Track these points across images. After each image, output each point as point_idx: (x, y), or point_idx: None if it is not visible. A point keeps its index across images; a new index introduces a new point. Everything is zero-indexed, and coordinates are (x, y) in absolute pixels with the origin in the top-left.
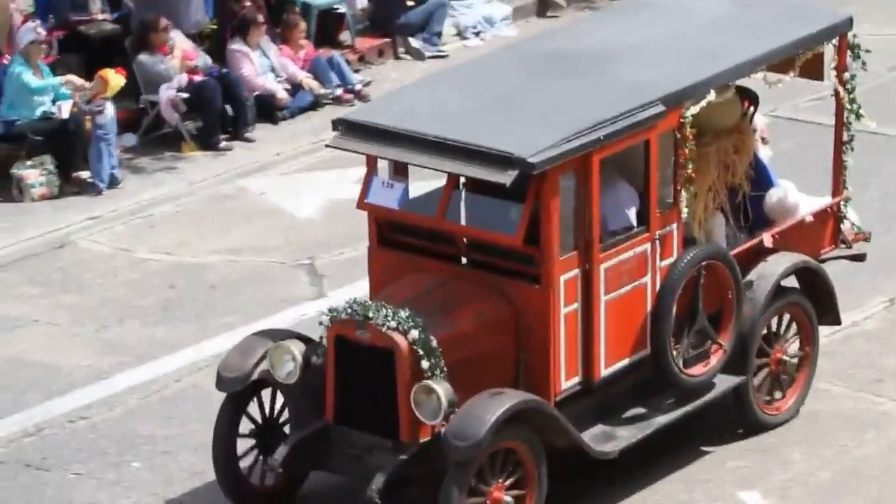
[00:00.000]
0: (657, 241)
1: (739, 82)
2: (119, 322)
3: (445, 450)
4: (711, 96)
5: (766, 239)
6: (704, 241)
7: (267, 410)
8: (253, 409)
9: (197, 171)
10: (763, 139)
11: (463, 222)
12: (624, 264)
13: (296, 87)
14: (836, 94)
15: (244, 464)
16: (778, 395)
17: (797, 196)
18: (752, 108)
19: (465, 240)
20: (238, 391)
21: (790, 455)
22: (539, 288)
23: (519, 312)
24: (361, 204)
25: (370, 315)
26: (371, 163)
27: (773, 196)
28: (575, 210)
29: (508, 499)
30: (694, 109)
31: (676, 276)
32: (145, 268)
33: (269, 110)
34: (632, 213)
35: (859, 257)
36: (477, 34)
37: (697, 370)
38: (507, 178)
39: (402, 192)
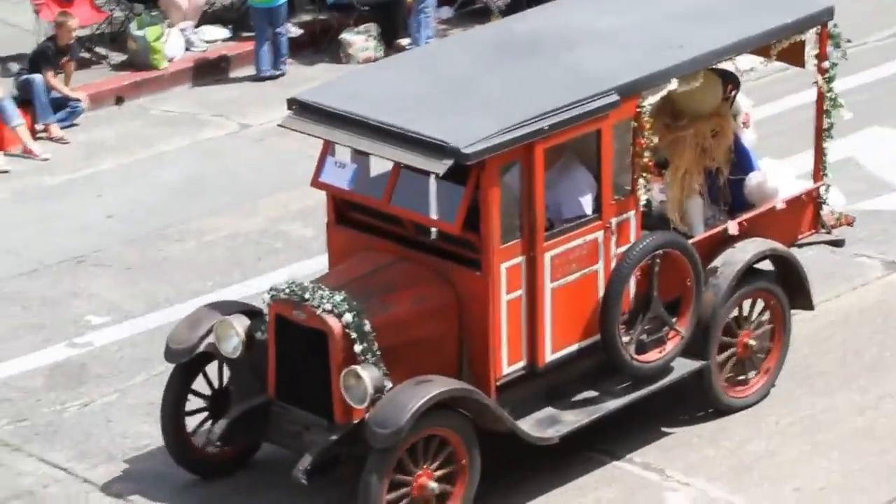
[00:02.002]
0: (610, 229)
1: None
2: None
3: (367, 436)
4: (673, 85)
5: (732, 227)
6: (681, 224)
7: (217, 382)
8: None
9: None
10: (745, 124)
11: (408, 206)
12: (573, 252)
13: None
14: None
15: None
16: (748, 377)
17: (777, 180)
18: (733, 92)
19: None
20: (185, 362)
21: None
22: (480, 275)
23: (461, 298)
24: (315, 182)
25: (306, 297)
26: (326, 142)
27: (752, 179)
28: (519, 198)
29: (433, 485)
30: (653, 99)
31: (626, 265)
32: None
33: None
34: (588, 201)
35: (837, 243)
36: None
37: (652, 356)
38: (440, 167)
39: (353, 172)
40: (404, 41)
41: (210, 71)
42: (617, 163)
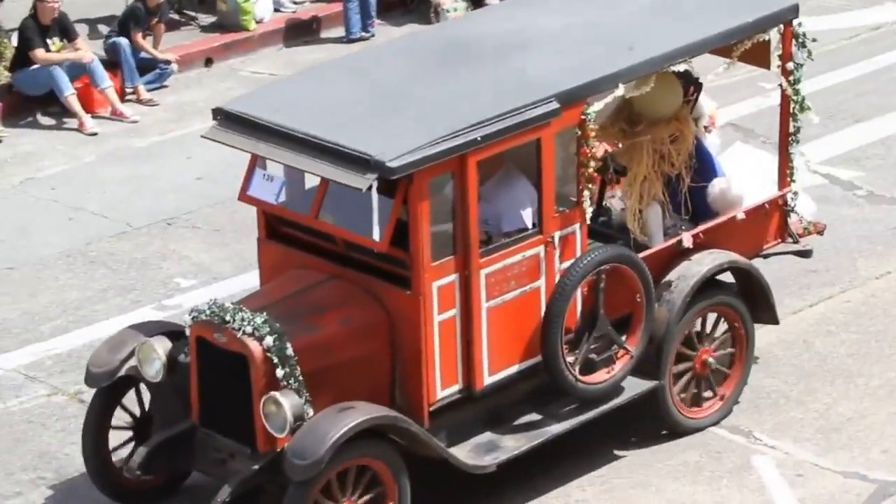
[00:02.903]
0: (553, 243)
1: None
2: None
3: (285, 467)
4: (620, 91)
5: (686, 239)
6: (640, 234)
7: (142, 406)
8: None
9: None
10: (706, 128)
11: (336, 221)
12: (511, 268)
13: None
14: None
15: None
16: (706, 395)
17: (742, 188)
18: (694, 95)
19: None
20: (107, 386)
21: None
22: (410, 294)
23: (392, 318)
24: (243, 196)
25: (227, 319)
26: (254, 154)
27: (715, 187)
28: (452, 213)
29: None
30: (599, 106)
31: (568, 282)
32: None
33: None
34: (529, 214)
35: (805, 253)
36: None
37: (599, 377)
38: (364, 182)
39: (281, 186)
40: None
41: (299, 32)
42: (561, 173)
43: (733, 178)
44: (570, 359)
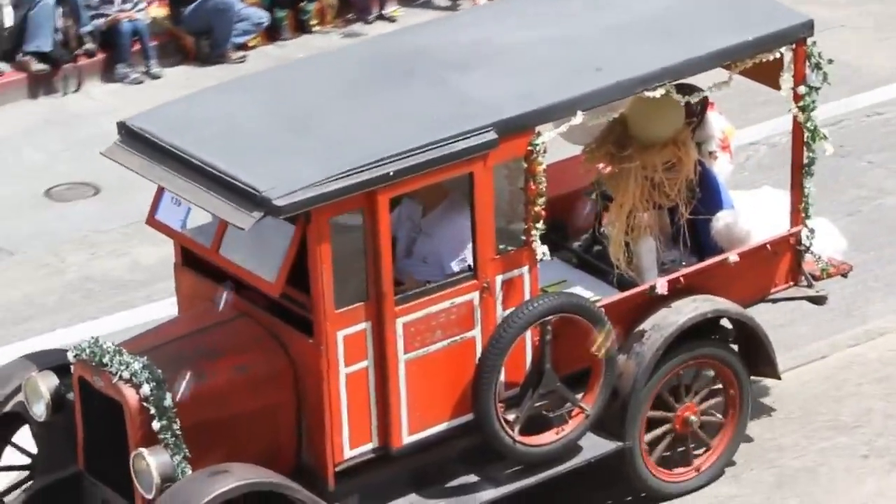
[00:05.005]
0: (489, 289)
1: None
2: None
3: None
4: (578, 119)
5: (660, 285)
6: (626, 269)
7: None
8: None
9: None
10: (712, 153)
11: (235, 258)
12: (436, 317)
13: None
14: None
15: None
16: (690, 457)
17: (751, 223)
18: (699, 116)
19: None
20: None
21: None
22: (312, 342)
23: (296, 367)
24: (150, 220)
25: (105, 361)
26: None
27: (720, 220)
28: (365, 255)
29: None
30: (547, 136)
31: (503, 334)
32: None
33: None
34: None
35: (818, 300)
36: None
37: (546, 437)
38: (248, 220)
39: (188, 212)
40: None
41: None
42: (508, 209)
43: (742, 213)
44: (510, 417)
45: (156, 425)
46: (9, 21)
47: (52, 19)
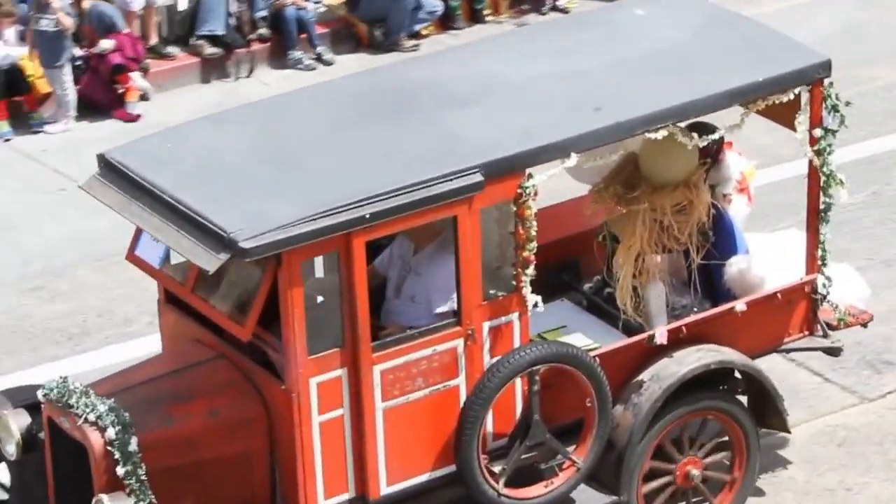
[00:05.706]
0: (475, 336)
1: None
2: None
3: None
4: (572, 161)
5: (660, 335)
6: (633, 315)
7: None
8: None
9: None
10: (725, 196)
11: (208, 298)
12: (417, 364)
13: None
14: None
15: None
16: None
17: (765, 270)
18: (710, 159)
19: None
20: None
21: None
22: (284, 389)
23: (270, 413)
24: (130, 256)
25: (71, 402)
26: None
27: (733, 266)
28: (340, 299)
29: None
30: (538, 178)
31: (487, 384)
32: None
33: None
34: None
35: (833, 351)
36: None
37: (533, 491)
38: (214, 262)
39: (165, 249)
40: None
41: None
42: (497, 253)
43: (756, 258)
44: (495, 469)
45: (120, 471)
46: (183, 5)
47: (226, 3)
